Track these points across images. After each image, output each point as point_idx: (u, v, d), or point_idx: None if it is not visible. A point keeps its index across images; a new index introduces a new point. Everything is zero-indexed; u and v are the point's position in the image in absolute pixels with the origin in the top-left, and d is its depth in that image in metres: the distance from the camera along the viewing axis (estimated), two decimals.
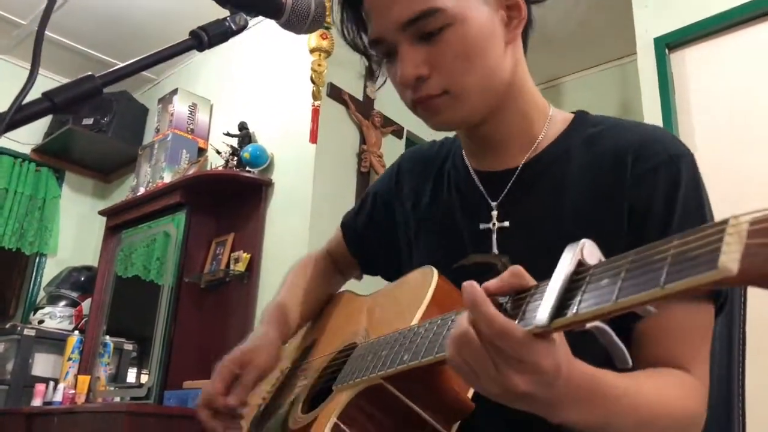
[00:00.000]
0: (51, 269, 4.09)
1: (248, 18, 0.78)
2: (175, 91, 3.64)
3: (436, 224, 0.91)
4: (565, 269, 0.51)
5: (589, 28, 3.48)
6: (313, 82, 2.88)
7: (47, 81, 4.17)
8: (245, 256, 3.00)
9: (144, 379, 3.22)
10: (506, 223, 0.83)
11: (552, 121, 0.86)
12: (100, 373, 3.25)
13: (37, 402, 3.11)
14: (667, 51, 2.50)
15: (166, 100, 3.70)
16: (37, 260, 4.14)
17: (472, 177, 0.88)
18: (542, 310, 0.50)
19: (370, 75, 3.13)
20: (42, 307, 3.65)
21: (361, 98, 3.22)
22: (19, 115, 0.62)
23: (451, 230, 0.88)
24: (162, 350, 2.98)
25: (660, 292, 0.42)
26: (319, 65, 2.89)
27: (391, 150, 3.19)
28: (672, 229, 0.73)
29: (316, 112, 2.87)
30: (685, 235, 0.42)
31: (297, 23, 0.81)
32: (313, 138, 2.87)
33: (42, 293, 3.95)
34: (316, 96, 2.88)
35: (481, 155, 0.89)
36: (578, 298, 0.48)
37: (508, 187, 0.84)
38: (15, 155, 4.08)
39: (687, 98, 2.44)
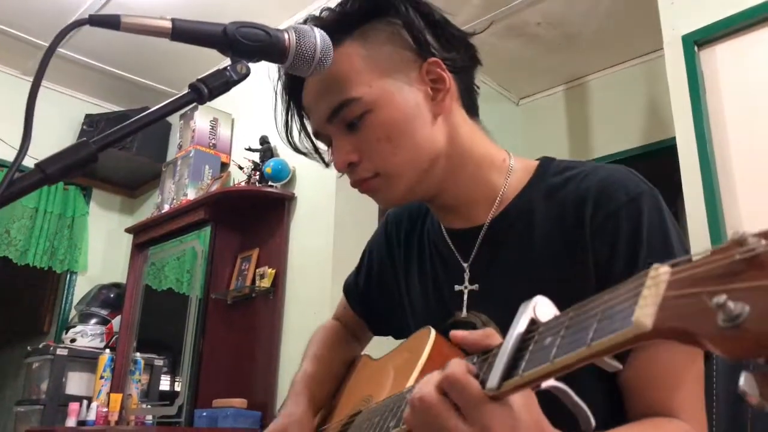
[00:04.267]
0: (82, 286, 4.15)
1: (250, 66, 0.76)
2: (195, 106, 3.64)
3: (426, 285, 0.92)
4: (517, 329, 0.50)
5: (612, 25, 3.37)
6: None
7: (76, 101, 4.23)
8: (270, 271, 2.99)
9: (177, 387, 3.23)
10: (476, 286, 0.84)
11: (513, 172, 0.85)
12: (131, 390, 3.28)
13: (71, 421, 3.15)
14: (696, 49, 2.40)
15: (187, 116, 3.71)
16: (68, 278, 4.20)
17: (445, 237, 0.89)
18: (494, 373, 0.50)
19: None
20: (74, 326, 3.70)
21: None
22: (12, 189, 0.60)
23: (437, 290, 0.89)
24: (191, 366, 2.99)
25: (587, 351, 0.40)
26: None
27: None
28: (639, 270, 0.70)
29: None
30: (615, 288, 0.41)
31: (301, 66, 0.79)
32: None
33: (73, 311, 4.00)
34: None
35: (448, 216, 0.89)
36: (525, 360, 0.47)
37: (476, 247, 0.85)
38: None
39: (719, 97, 2.34)
